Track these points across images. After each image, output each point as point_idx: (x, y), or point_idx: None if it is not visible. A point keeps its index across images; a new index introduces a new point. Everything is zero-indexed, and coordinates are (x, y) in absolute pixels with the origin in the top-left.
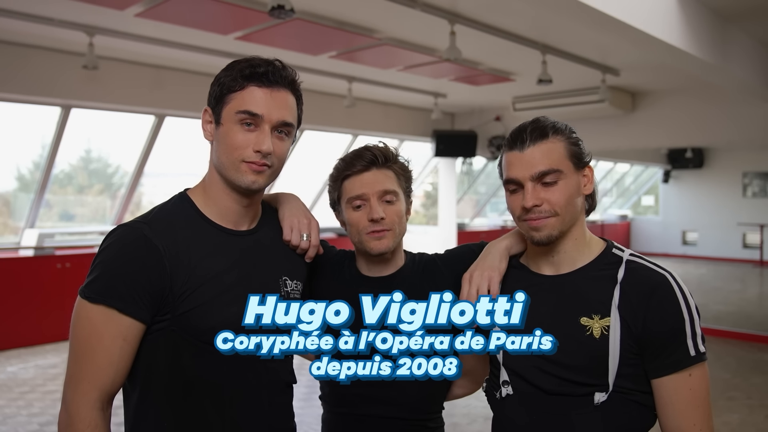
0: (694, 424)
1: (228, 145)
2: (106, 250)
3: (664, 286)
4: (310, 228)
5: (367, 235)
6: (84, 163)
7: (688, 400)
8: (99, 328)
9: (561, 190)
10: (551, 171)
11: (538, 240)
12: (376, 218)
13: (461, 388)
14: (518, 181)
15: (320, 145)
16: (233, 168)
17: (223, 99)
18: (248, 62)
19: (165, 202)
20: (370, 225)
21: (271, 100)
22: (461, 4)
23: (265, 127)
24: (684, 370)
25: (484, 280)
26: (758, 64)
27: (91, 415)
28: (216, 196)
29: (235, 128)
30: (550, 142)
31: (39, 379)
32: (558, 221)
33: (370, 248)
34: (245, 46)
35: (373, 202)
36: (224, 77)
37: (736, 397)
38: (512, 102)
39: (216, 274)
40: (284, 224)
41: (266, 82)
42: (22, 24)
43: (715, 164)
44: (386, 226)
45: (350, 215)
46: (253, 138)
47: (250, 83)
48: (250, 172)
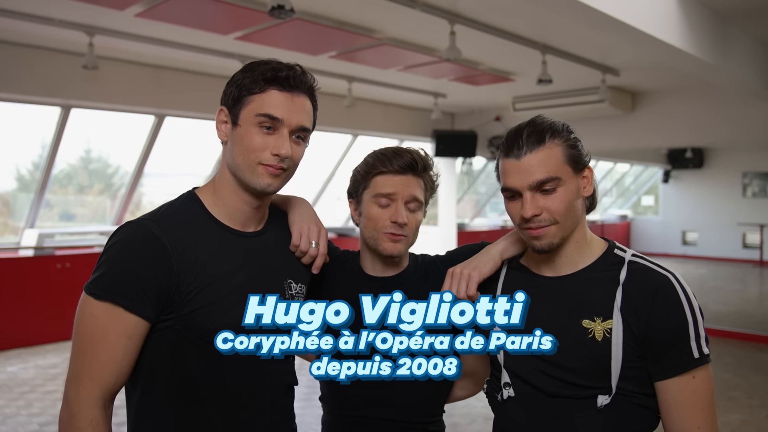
0: (698, 426)
1: (245, 146)
2: (113, 246)
3: (666, 287)
4: (319, 236)
5: (385, 235)
6: (84, 163)
7: (692, 403)
8: (104, 326)
9: (560, 198)
10: (549, 179)
11: (540, 248)
12: (401, 222)
13: (462, 389)
14: (516, 190)
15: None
16: (249, 170)
17: (242, 100)
18: (269, 65)
19: (173, 201)
20: (391, 226)
21: (291, 105)
22: (461, 4)
23: (284, 131)
24: (688, 372)
25: (463, 279)
26: (758, 64)
27: (93, 413)
28: (226, 196)
29: (253, 130)
30: (547, 148)
31: (39, 379)
32: (558, 229)
33: (384, 248)
34: (245, 46)
35: (400, 205)
36: (243, 79)
37: (736, 397)
38: (512, 102)
39: (222, 274)
40: (293, 230)
41: (287, 87)
42: (22, 24)
43: (715, 164)
44: (405, 232)
45: (372, 210)
46: (272, 141)
47: (271, 86)
48: (267, 175)
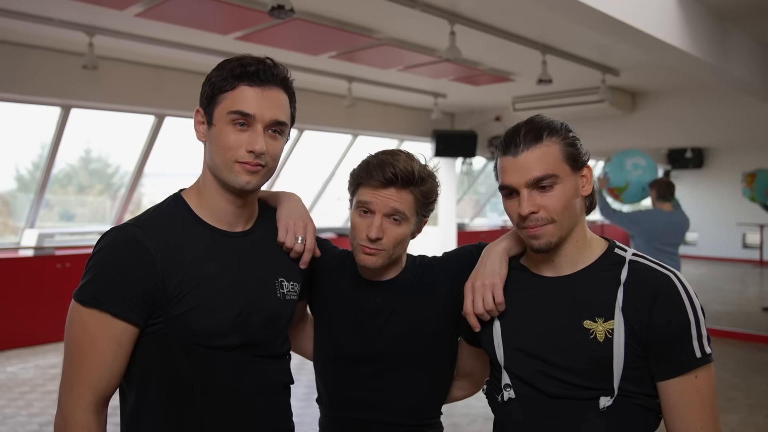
0: (701, 426)
1: (220, 145)
2: (98, 253)
3: (668, 286)
4: (305, 231)
5: (360, 247)
6: (84, 163)
7: (695, 403)
8: (92, 332)
9: (557, 196)
10: (547, 176)
11: (538, 248)
12: (372, 237)
13: (461, 390)
14: (513, 188)
15: (320, 145)
16: (226, 169)
17: (215, 99)
18: (239, 61)
19: (159, 204)
20: (365, 239)
21: (263, 99)
22: (461, 4)
23: (257, 127)
24: (690, 372)
25: (487, 290)
26: (758, 64)
27: (86, 419)
28: (210, 197)
29: (227, 129)
30: (545, 146)
31: (39, 379)
32: (556, 228)
33: (358, 260)
34: (245, 46)
35: (377, 218)
36: (215, 77)
37: (736, 397)
38: (512, 102)
39: (210, 276)
40: (279, 226)
41: (257, 81)
42: (22, 24)
43: (715, 164)
44: (381, 246)
45: (354, 218)
46: (246, 138)
47: (241, 83)
48: (244, 173)
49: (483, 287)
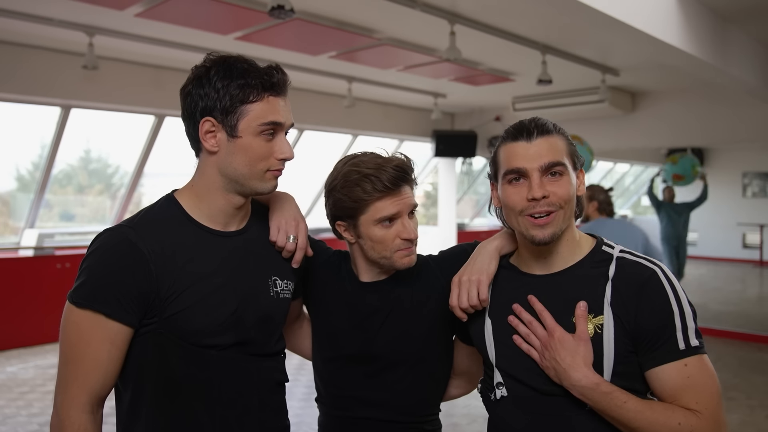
0: (696, 402)
1: (252, 157)
2: (91, 255)
3: (653, 280)
4: (297, 230)
5: (398, 252)
6: (84, 163)
7: (685, 386)
8: (86, 333)
9: (566, 185)
10: (558, 163)
11: (540, 239)
12: (413, 238)
13: (457, 388)
14: (523, 171)
15: (320, 146)
16: (256, 177)
17: (236, 109)
18: (259, 71)
19: (152, 205)
20: (403, 243)
21: (285, 107)
22: (461, 4)
23: (282, 134)
24: (676, 361)
25: (473, 286)
26: (758, 64)
27: (81, 419)
28: (212, 199)
29: (257, 140)
30: (554, 138)
31: (39, 379)
32: (562, 215)
33: (401, 264)
34: (245, 46)
35: (407, 221)
36: (229, 87)
37: (736, 397)
38: (512, 102)
39: (203, 276)
40: (271, 225)
41: (281, 91)
42: (22, 24)
43: (715, 164)
44: (415, 241)
45: (377, 233)
46: (274, 146)
47: (269, 93)
48: (273, 179)
49: (469, 282)
